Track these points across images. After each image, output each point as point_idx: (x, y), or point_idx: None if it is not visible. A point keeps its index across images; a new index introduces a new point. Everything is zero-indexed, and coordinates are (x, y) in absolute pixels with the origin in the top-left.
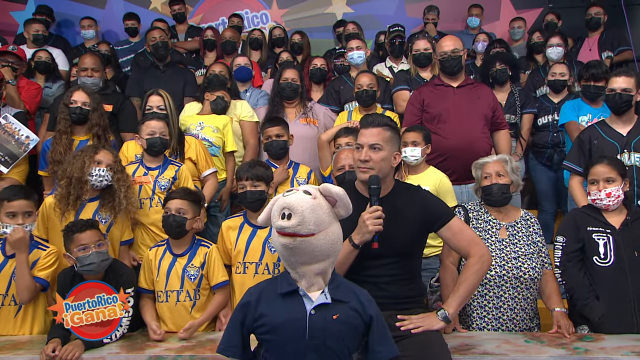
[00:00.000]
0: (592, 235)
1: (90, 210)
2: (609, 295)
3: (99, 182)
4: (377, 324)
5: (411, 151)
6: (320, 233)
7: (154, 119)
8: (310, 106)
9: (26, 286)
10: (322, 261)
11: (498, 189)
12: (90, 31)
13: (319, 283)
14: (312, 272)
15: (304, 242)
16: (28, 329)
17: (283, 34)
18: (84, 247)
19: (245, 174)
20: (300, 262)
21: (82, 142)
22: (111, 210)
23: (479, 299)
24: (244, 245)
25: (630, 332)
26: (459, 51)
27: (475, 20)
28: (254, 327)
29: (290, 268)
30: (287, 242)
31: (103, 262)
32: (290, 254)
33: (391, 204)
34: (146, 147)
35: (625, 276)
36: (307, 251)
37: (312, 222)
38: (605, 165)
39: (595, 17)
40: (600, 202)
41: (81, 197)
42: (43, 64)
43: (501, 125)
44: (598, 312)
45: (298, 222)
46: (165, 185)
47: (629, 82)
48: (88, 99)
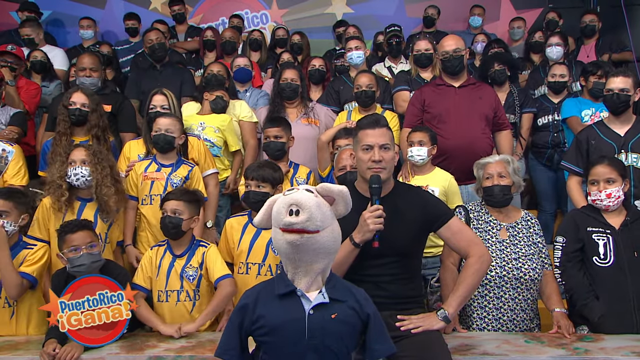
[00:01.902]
0: (592, 236)
1: (91, 211)
2: (609, 295)
3: (76, 180)
4: (375, 322)
5: (417, 151)
6: (325, 230)
7: (162, 116)
8: (311, 106)
9: (12, 283)
10: (324, 259)
11: (500, 190)
12: (89, 31)
13: (318, 282)
14: (313, 271)
15: (310, 238)
16: (24, 329)
17: (286, 35)
18: (75, 248)
19: (252, 173)
20: (303, 260)
21: (82, 143)
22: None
23: (479, 299)
24: (248, 245)
25: (630, 332)
26: (460, 51)
27: (477, 20)
28: (252, 329)
29: (291, 267)
30: (294, 239)
31: (94, 263)
32: (295, 251)
33: (392, 204)
34: (152, 143)
35: (625, 276)
36: (312, 248)
37: (318, 219)
38: (606, 165)
39: (589, 25)
40: (601, 202)
41: (72, 199)
42: (39, 63)
43: (503, 126)
44: (598, 312)
45: (307, 218)
46: (178, 183)
47: (626, 82)
48: (87, 100)
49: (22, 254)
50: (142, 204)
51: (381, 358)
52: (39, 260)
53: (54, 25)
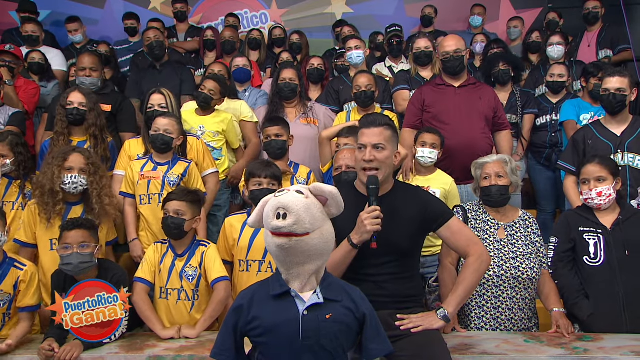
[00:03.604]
0: (584, 236)
1: (77, 214)
2: (599, 294)
3: (74, 188)
4: (371, 322)
5: (429, 152)
6: (315, 232)
7: (162, 116)
8: (310, 106)
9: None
10: (316, 261)
11: (497, 190)
12: (77, 36)
13: (312, 283)
14: (306, 272)
15: (299, 242)
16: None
17: (283, 34)
18: (66, 246)
19: (263, 172)
20: (295, 262)
21: (80, 143)
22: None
23: (477, 298)
24: (247, 243)
25: (619, 332)
26: (461, 51)
27: (478, 19)
28: (247, 330)
29: (284, 269)
30: (282, 242)
31: (82, 264)
32: (285, 254)
33: (390, 204)
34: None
35: (614, 276)
36: (302, 251)
37: (307, 221)
38: (596, 164)
39: (593, 12)
40: (592, 201)
41: (59, 204)
42: (36, 65)
43: (503, 126)
44: (586, 312)
45: (294, 222)
46: (175, 181)
47: (622, 82)
48: (84, 100)
49: (13, 274)
50: (141, 204)
51: (378, 358)
52: (32, 286)
53: (53, 25)
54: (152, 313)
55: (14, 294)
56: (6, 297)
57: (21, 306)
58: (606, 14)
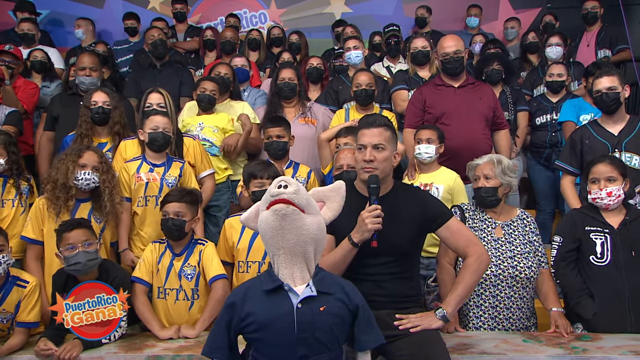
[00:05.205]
0: (590, 235)
1: (85, 210)
2: (604, 294)
3: (86, 185)
4: (363, 314)
5: (425, 148)
6: (310, 215)
7: (158, 114)
8: (309, 106)
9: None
10: (307, 243)
11: (485, 192)
12: (79, 31)
13: (304, 275)
14: (296, 255)
15: (296, 212)
16: None
17: (281, 34)
18: (71, 247)
19: (265, 172)
20: (286, 238)
21: (100, 145)
22: (100, 211)
23: (475, 298)
24: (247, 244)
25: (623, 332)
26: (461, 52)
27: (474, 20)
28: (242, 326)
29: (273, 249)
30: (280, 207)
31: (90, 262)
32: (280, 225)
33: (390, 204)
34: (148, 141)
35: (620, 276)
36: (296, 225)
37: (305, 197)
38: (607, 164)
39: (591, 12)
40: (601, 201)
41: (70, 200)
42: (39, 63)
43: (501, 125)
44: (590, 311)
45: (294, 190)
46: (173, 183)
47: (612, 80)
48: (108, 98)
49: (15, 294)
50: (137, 206)
51: (369, 349)
52: (36, 303)
53: (52, 24)
54: (150, 313)
55: (17, 312)
56: (9, 316)
57: (19, 321)
58: (605, 14)
